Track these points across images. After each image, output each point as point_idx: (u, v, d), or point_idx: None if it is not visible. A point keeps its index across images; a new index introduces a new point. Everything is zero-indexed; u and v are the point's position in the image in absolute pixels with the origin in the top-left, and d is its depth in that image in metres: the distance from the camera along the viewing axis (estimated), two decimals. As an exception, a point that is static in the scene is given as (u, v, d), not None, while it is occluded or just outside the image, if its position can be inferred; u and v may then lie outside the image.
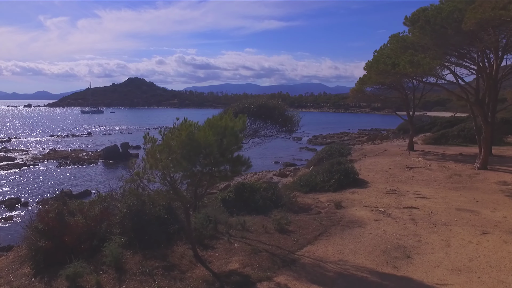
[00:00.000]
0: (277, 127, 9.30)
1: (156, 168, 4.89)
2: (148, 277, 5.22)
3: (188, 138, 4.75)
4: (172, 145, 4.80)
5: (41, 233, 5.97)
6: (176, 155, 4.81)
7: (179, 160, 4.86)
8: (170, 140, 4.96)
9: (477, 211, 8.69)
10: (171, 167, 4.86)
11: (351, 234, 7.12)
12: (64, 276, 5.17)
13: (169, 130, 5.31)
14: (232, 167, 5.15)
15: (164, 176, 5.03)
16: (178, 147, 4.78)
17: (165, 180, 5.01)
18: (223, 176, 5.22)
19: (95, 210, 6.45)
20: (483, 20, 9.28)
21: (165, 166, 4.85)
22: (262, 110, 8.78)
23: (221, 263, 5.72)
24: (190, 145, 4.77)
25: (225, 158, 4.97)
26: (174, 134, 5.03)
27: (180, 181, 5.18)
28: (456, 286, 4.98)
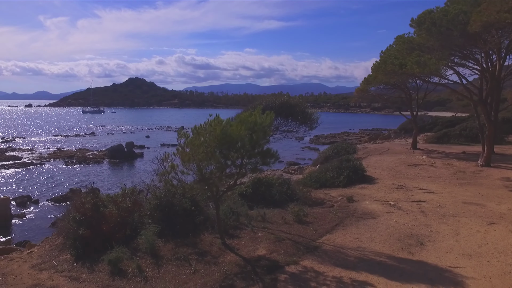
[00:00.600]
0: (297, 124, 9.75)
1: (193, 161, 5.32)
2: (183, 262, 5.66)
3: (222, 132, 5.19)
4: (207, 139, 5.23)
5: (78, 222, 6.41)
6: (211, 149, 5.24)
7: (214, 153, 5.30)
8: (202, 135, 5.39)
9: (483, 204, 9.13)
10: (207, 159, 5.29)
11: (366, 225, 7.57)
12: (106, 261, 5.60)
13: (199, 126, 5.73)
14: (262, 159, 5.60)
15: (199, 168, 5.47)
16: (213, 141, 5.22)
17: (200, 172, 5.44)
18: (254, 167, 5.66)
19: (127, 201, 6.88)
20: (488, 22, 9.72)
21: (202, 159, 5.29)
22: (284, 107, 9.24)
23: (249, 249, 6.17)
24: (224, 139, 5.21)
25: (256, 151, 5.40)
26: (207, 129, 5.47)
27: (212, 173, 5.61)
28: (468, 268, 5.43)
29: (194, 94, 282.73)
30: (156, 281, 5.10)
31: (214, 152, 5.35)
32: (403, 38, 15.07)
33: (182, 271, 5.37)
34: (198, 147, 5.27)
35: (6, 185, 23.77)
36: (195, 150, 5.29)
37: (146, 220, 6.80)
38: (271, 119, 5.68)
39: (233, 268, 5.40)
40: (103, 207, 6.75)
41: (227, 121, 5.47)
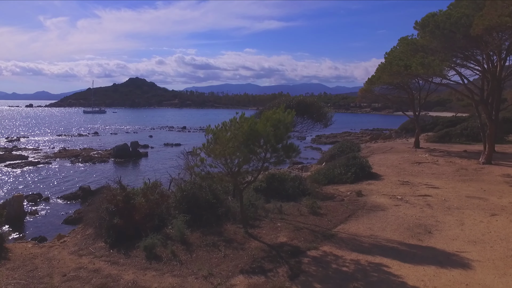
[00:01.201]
0: (312, 122, 10.27)
1: (223, 154, 5.84)
2: (212, 248, 6.18)
3: (250, 128, 5.71)
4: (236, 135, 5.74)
5: (111, 213, 6.91)
6: (238, 143, 5.76)
7: (241, 147, 5.82)
8: (230, 131, 5.91)
9: (485, 198, 9.66)
10: (235, 153, 5.81)
11: (376, 216, 8.09)
12: (142, 247, 6.12)
13: (227, 123, 6.24)
14: (286, 153, 6.12)
15: (226, 162, 5.98)
16: (241, 137, 5.73)
17: (228, 165, 5.96)
18: (277, 161, 6.18)
19: (155, 194, 7.40)
20: (490, 26, 10.25)
21: (231, 152, 5.80)
22: (300, 106, 9.76)
23: (271, 237, 6.69)
24: (251, 134, 5.72)
25: (280, 145, 5.92)
26: (234, 126, 5.99)
27: (239, 166, 6.13)
28: (473, 253, 5.94)
29: (195, 94, 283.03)
30: (191, 264, 5.62)
31: (241, 147, 5.86)
32: (406, 40, 15.59)
33: (213, 256, 5.90)
34: (227, 142, 5.78)
35: (16, 184, 24.20)
36: (225, 144, 5.80)
37: (173, 211, 7.31)
38: (292, 116, 6.20)
39: (259, 253, 5.93)
40: (133, 199, 7.25)
41: (253, 118, 5.99)
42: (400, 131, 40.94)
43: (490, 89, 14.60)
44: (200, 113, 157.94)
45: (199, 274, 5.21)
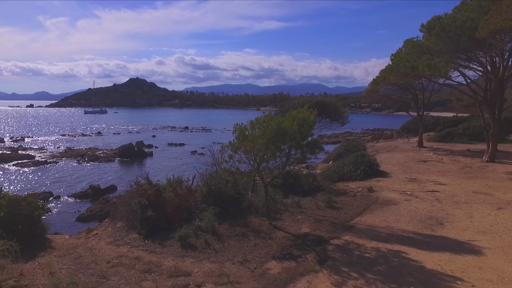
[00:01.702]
0: (329, 120, 10.77)
1: (253, 150, 6.33)
2: (242, 238, 6.67)
3: (277, 126, 6.20)
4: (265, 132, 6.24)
5: (144, 206, 7.39)
6: (266, 140, 6.24)
7: (268, 144, 6.31)
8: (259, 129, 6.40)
9: (491, 193, 10.16)
10: (263, 149, 6.30)
11: (390, 210, 8.59)
12: (176, 237, 6.60)
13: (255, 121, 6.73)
14: (310, 149, 6.61)
15: (255, 157, 6.47)
16: (269, 134, 6.22)
17: (256, 161, 6.45)
18: (302, 156, 6.68)
19: (183, 189, 7.88)
20: (495, 30, 10.74)
21: (259, 149, 6.29)
22: (319, 105, 10.26)
23: (294, 228, 7.18)
24: (279, 132, 6.21)
25: (305, 142, 6.41)
26: (261, 124, 6.48)
27: (266, 161, 6.62)
28: (483, 241, 6.44)
29: (195, 95, 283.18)
30: (225, 252, 6.11)
31: (269, 143, 6.35)
32: (412, 42, 16.09)
33: (244, 244, 6.38)
34: (257, 139, 6.27)
35: (26, 182, 24.66)
36: (255, 141, 6.28)
37: (200, 204, 7.80)
38: (315, 116, 6.70)
39: (287, 242, 6.42)
40: (163, 193, 7.73)
41: (279, 117, 6.48)
42: (401, 131, 41.38)
43: (493, 90, 15.10)
44: (202, 113, 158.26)
45: (235, 260, 5.70)
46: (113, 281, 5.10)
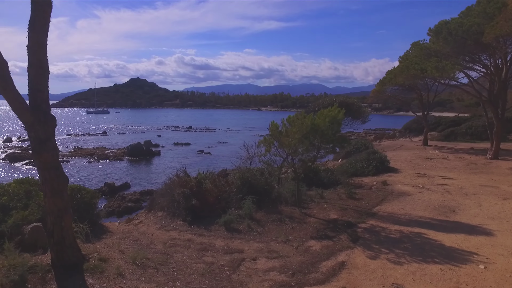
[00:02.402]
0: (351, 119, 11.64)
1: (289, 145, 7.17)
2: (279, 223, 7.52)
3: (311, 123, 7.05)
4: (301, 128, 7.09)
5: (188, 196, 8.23)
6: (301, 136, 7.09)
7: (302, 139, 7.16)
8: (295, 126, 7.24)
9: (496, 186, 11.01)
10: (299, 144, 7.15)
11: (405, 200, 9.44)
12: (221, 222, 7.45)
13: (290, 119, 7.57)
14: (340, 143, 7.46)
15: (290, 151, 7.31)
16: (305, 130, 7.07)
17: (295, 153, 7.29)
18: (332, 150, 7.52)
19: (221, 180, 8.72)
20: (501, 35, 11.60)
21: (296, 143, 7.13)
22: (343, 105, 11.14)
23: (323, 215, 8.03)
24: (313, 128, 7.06)
25: (335, 137, 7.27)
26: (297, 121, 7.32)
27: (300, 154, 7.46)
28: (493, 225, 7.28)
29: (196, 95, 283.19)
30: (267, 234, 6.95)
31: (303, 138, 7.20)
32: (420, 45, 16.95)
33: (282, 228, 7.23)
34: (293, 134, 7.11)
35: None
36: (293, 136, 7.13)
37: (236, 195, 8.64)
38: (343, 114, 7.55)
39: (320, 225, 7.27)
40: (204, 184, 8.56)
41: (312, 116, 7.33)
42: (403, 131, 42.16)
43: (497, 90, 15.97)
44: (203, 114, 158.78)
45: (278, 240, 6.54)
46: (176, 257, 5.93)
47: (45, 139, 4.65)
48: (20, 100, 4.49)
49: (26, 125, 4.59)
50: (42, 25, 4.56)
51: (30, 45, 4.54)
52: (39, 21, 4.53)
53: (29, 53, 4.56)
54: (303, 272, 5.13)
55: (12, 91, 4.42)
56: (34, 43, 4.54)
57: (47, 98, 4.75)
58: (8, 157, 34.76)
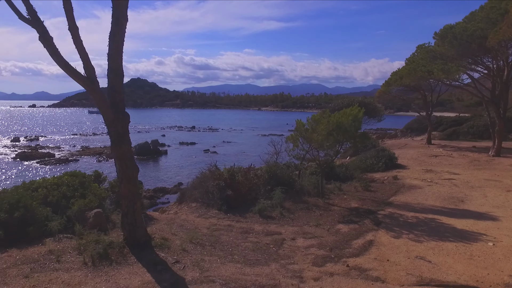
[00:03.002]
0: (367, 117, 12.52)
1: (316, 140, 8.04)
2: (307, 211, 8.39)
3: (336, 121, 7.92)
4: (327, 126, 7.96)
5: (222, 187, 9.08)
6: (327, 132, 7.96)
7: (328, 135, 8.03)
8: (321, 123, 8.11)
9: (499, 180, 11.90)
10: (325, 139, 8.02)
11: (416, 192, 10.32)
12: (255, 210, 8.31)
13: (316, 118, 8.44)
14: (362, 139, 8.33)
15: (317, 146, 8.18)
16: (331, 127, 7.94)
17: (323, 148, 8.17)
18: (354, 145, 8.38)
19: (251, 174, 9.58)
20: (503, 39, 12.48)
21: (323, 139, 8.00)
22: (361, 105, 12.01)
23: (345, 204, 8.90)
24: (337, 125, 7.93)
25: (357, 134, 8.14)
26: (322, 120, 8.19)
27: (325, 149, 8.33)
28: (498, 212, 8.15)
29: (196, 95, 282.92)
30: (298, 220, 7.82)
31: (328, 135, 8.07)
32: (425, 48, 17.84)
33: (311, 215, 8.10)
34: (322, 130, 7.98)
35: None
36: (320, 132, 8.00)
37: (265, 187, 9.50)
38: (362, 113, 8.42)
39: (344, 212, 8.14)
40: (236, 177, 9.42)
41: (336, 114, 8.20)
42: (405, 130, 42.95)
43: (499, 91, 16.86)
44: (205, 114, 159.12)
45: (310, 224, 7.41)
46: (224, 238, 6.78)
47: (123, 133, 5.51)
48: (106, 100, 5.34)
49: (107, 121, 5.43)
50: (120, 36, 5.42)
51: (110, 53, 5.40)
52: (118, 33, 5.39)
53: (109, 60, 5.41)
54: (338, 248, 6.00)
55: (99, 92, 5.27)
56: (114, 51, 5.40)
57: (123, 98, 5.59)
58: (19, 155, 35.46)
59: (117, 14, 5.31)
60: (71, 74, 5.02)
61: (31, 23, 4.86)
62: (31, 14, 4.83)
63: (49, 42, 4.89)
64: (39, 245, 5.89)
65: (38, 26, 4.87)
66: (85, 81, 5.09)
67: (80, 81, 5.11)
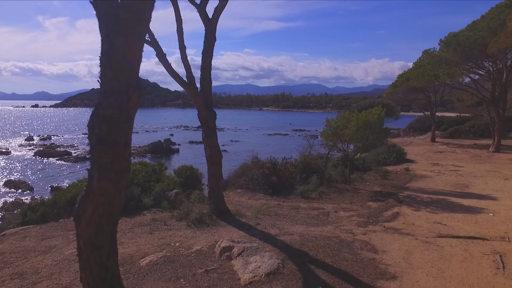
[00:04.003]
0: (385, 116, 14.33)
1: (348, 135, 9.79)
2: (339, 193, 10.14)
3: (364, 119, 9.67)
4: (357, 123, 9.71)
5: (266, 175, 10.80)
6: (356, 129, 9.72)
7: (356, 131, 9.79)
8: (351, 121, 9.86)
9: (499, 171, 13.66)
10: (354, 134, 9.77)
11: (427, 180, 12.08)
12: (297, 193, 10.05)
13: (346, 116, 10.18)
14: (384, 134, 10.08)
15: (348, 139, 9.94)
16: (360, 124, 9.69)
17: (355, 141, 9.92)
18: (378, 139, 10.13)
19: (288, 163, 11.32)
20: (502, 47, 14.23)
21: (352, 134, 9.76)
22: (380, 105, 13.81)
23: (369, 189, 10.65)
24: (365, 123, 9.69)
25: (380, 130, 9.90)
26: (351, 118, 9.94)
27: (354, 142, 10.08)
28: (497, 195, 9.89)
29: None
30: (334, 200, 9.56)
31: (357, 131, 9.82)
32: (431, 54, 19.62)
33: (344, 196, 9.85)
34: (352, 127, 9.73)
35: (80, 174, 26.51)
36: (351, 128, 9.75)
37: (301, 174, 11.25)
38: (384, 113, 10.17)
39: (370, 194, 9.90)
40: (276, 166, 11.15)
41: (364, 113, 9.95)
42: (408, 130, 44.55)
43: (499, 92, 18.64)
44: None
45: (345, 202, 9.16)
46: (280, 212, 8.48)
47: (213, 127, 7.25)
48: (201, 101, 7.08)
49: (202, 118, 7.17)
50: (211, 52, 7.15)
51: (203, 66, 7.13)
52: (209, 50, 7.12)
53: (202, 71, 7.15)
54: (373, 217, 7.75)
55: (199, 95, 7.00)
56: (206, 64, 7.13)
57: (212, 100, 7.31)
58: (38, 153, 36.71)
59: (209, 36, 7.04)
60: (179, 81, 6.76)
61: (149, 44, 6.59)
62: (151, 37, 6.55)
63: (164, 58, 6.61)
64: (141, 215, 7.63)
65: (155, 46, 6.59)
66: (188, 87, 6.82)
67: (184, 87, 6.84)
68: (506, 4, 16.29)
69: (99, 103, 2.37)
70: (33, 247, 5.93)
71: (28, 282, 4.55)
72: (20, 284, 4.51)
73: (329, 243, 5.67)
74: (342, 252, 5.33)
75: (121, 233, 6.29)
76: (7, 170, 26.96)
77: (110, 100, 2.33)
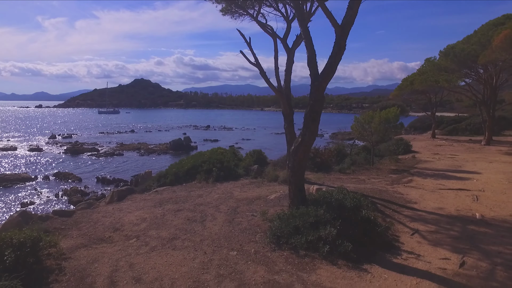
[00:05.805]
0: None
1: (374, 127, 13.41)
2: (366, 170, 13.75)
3: (384, 116, 13.32)
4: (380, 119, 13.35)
5: (311, 157, 14.36)
6: (379, 123, 13.36)
7: (379, 124, 13.44)
8: (374, 117, 13.50)
9: (486, 158, 17.34)
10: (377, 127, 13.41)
11: (430, 163, 15.73)
12: (336, 170, 13.65)
13: (370, 114, 13.80)
14: (400, 128, 13.74)
15: (373, 131, 13.58)
16: (382, 119, 13.33)
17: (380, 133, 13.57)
18: (396, 131, 13.78)
19: (326, 149, 14.94)
20: (489, 61, 17.90)
21: (376, 126, 13.40)
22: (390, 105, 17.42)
23: (387, 168, 14.30)
24: (385, 119, 13.33)
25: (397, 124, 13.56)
26: (374, 115, 13.57)
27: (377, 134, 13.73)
28: (482, 171, 13.50)
29: (199, 95, 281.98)
30: (364, 173, 13.18)
31: (379, 126, 13.48)
32: (432, 62, 23.31)
33: (370, 172, 13.49)
34: (376, 121, 13.36)
35: (116, 167, 28.55)
36: (375, 122, 13.38)
37: (336, 157, 14.86)
38: (398, 111, 13.84)
39: (389, 170, 13.55)
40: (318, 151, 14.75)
41: (385, 111, 13.59)
42: (409, 129, 47.87)
43: (489, 95, 22.35)
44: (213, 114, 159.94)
45: (373, 175, 12.78)
46: (328, 181, 12.02)
47: (291, 120, 10.77)
48: (285, 101, 10.58)
49: (286, 113, 10.68)
50: (290, 71, 10.66)
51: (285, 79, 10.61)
52: (289, 70, 10.63)
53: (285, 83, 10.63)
54: (395, 182, 11.38)
55: (284, 97, 10.52)
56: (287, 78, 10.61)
57: (291, 102, 10.84)
58: (68, 150, 38.42)
59: (289, 60, 10.58)
60: (274, 89, 10.25)
61: (254, 65, 10.10)
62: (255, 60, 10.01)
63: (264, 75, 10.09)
64: (240, 180, 11.20)
65: (258, 67, 10.09)
66: (280, 94, 10.35)
67: (277, 93, 10.33)
68: (494, 23, 19.96)
69: (311, 104, 5.96)
70: (187, 195, 9.49)
71: (207, 207, 8.10)
72: (203, 208, 8.05)
73: (373, 190, 9.30)
74: (383, 194, 8.96)
75: (240, 188, 9.89)
76: (49, 164, 28.82)
77: (315, 105, 5.91)
